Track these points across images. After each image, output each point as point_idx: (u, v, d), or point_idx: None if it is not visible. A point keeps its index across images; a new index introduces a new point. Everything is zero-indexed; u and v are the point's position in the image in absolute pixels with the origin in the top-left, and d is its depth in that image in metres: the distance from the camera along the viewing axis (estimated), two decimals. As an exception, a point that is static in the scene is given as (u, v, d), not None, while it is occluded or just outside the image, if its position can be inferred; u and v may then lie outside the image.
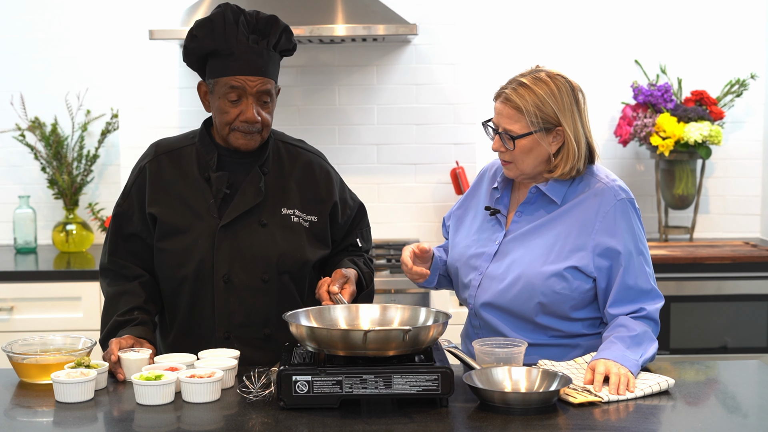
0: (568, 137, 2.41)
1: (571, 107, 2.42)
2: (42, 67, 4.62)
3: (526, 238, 2.47)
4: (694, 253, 4.14)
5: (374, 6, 4.07)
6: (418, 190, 4.53)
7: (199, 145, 2.59)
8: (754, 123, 4.66)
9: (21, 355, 2.34)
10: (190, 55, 2.53)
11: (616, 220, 2.42)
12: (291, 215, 2.58)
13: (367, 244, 2.77)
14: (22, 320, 3.98)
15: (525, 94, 2.40)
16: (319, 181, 2.64)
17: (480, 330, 2.53)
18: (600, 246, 2.41)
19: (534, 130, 2.40)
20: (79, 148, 4.54)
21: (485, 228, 2.56)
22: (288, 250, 2.54)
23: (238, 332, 2.52)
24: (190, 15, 4.06)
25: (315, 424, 2.00)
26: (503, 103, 2.43)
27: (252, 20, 2.49)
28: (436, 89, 4.50)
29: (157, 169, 2.57)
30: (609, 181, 2.48)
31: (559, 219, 2.46)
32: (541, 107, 2.39)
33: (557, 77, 2.43)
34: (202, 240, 2.51)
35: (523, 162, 2.44)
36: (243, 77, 2.46)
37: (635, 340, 2.34)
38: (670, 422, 2.09)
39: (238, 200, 2.53)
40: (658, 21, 4.60)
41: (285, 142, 2.67)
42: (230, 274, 2.51)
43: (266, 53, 2.49)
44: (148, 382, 2.12)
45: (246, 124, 2.48)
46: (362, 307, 2.37)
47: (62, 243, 4.46)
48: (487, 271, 2.49)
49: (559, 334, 2.45)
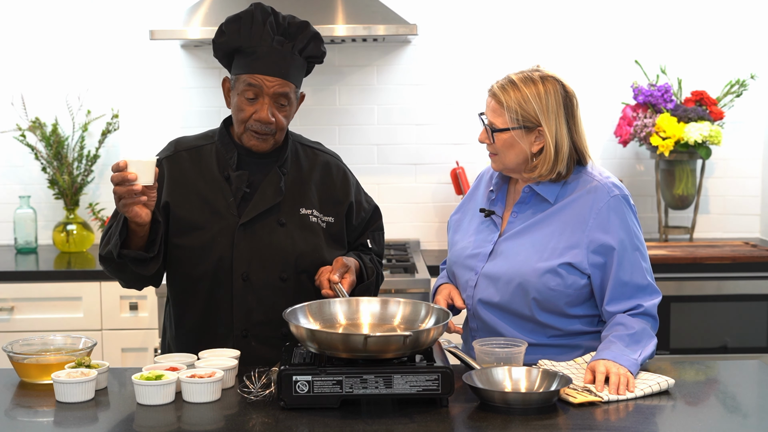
0: (548, 140, 2.43)
1: (556, 110, 2.43)
2: (42, 67, 4.62)
3: (520, 237, 2.49)
4: (694, 253, 4.14)
5: (374, 6, 4.07)
6: (418, 190, 4.54)
7: (218, 143, 2.59)
8: (754, 123, 4.66)
9: (21, 355, 2.34)
10: (217, 50, 2.55)
11: (610, 217, 2.43)
12: (309, 215, 2.59)
13: (378, 248, 2.77)
14: (23, 320, 3.98)
15: (511, 91, 2.44)
16: (336, 183, 2.66)
17: (477, 333, 2.53)
18: (594, 242, 2.42)
19: (513, 126, 2.43)
20: (80, 148, 4.54)
21: (482, 229, 2.58)
22: (306, 249, 2.55)
23: (256, 331, 2.52)
24: (190, 15, 4.06)
25: (315, 424, 2.00)
26: (491, 97, 2.49)
27: (282, 23, 2.51)
28: (436, 89, 4.50)
29: (176, 165, 2.57)
30: (602, 178, 2.49)
31: (553, 217, 2.47)
32: (523, 106, 2.42)
33: (549, 79, 2.45)
34: (221, 238, 2.51)
35: (506, 156, 2.48)
36: (261, 76, 2.46)
37: (634, 338, 2.34)
38: (670, 422, 2.10)
39: (258, 199, 2.53)
40: (658, 21, 4.61)
41: (303, 143, 2.69)
42: (249, 272, 2.51)
43: (290, 56, 2.49)
44: (148, 382, 2.12)
45: (259, 123, 2.49)
46: (362, 302, 2.37)
47: (63, 243, 4.47)
48: (482, 271, 2.50)
49: (558, 333, 2.45)
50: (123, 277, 2.53)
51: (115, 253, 2.37)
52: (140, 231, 2.38)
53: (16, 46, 4.61)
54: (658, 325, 2.46)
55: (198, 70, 4.46)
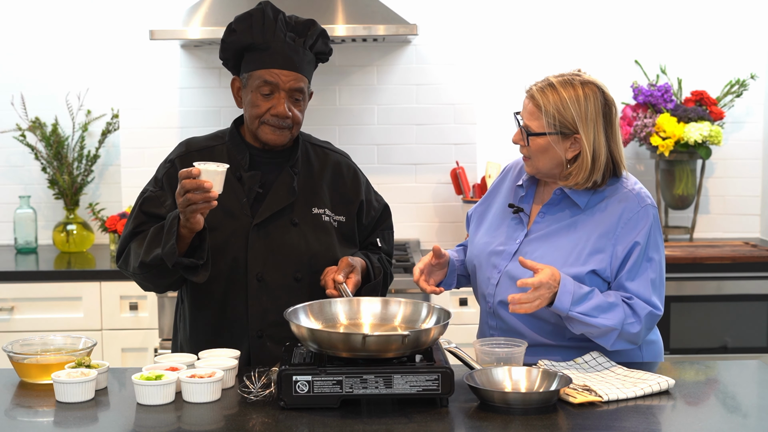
0: (585, 148, 2.39)
1: (595, 118, 2.39)
2: (42, 67, 4.62)
3: (547, 239, 2.47)
4: (694, 253, 4.14)
5: (374, 6, 4.07)
6: (418, 190, 4.54)
7: (229, 144, 2.59)
8: (754, 123, 4.66)
9: (21, 355, 2.34)
10: (227, 50, 2.54)
11: (638, 223, 2.41)
12: (322, 215, 2.59)
13: (387, 247, 2.77)
14: (23, 320, 3.98)
15: (550, 94, 2.39)
16: (347, 182, 2.66)
17: (496, 331, 2.52)
18: (620, 248, 2.40)
19: (549, 131, 2.40)
20: (80, 148, 4.54)
21: (506, 226, 2.55)
22: (320, 249, 2.55)
23: (271, 331, 2.51)
24: (190, 15, 4.06)
25: (315, 424, 2.00)
26: (528, 99, 2.44)
27: (291, 21, 2.54)
28: (436, 89, 4.50)
29: (188, 165, 2.53)
30: (635, 188, 2.47)
31: (581, 222, 2.45)
32: (561, 111, 2.38)
33: (590, 85, 2.41)
34: (235, 239, 2.51)
35: (539, 160, 2.44)
36: (277, 71, 2.47)
37: (589, 296, 2.33)
38: (670, 422, 2.09)
39: (271, 199, 2.53)
40: (658, 21, 4.61)
41: (313, 143, 2.69)
42: (263, 273, 2.51)
43: (302, 51, 2.51)
44: (148, 382, 2.12)
45: (276, 118, 2.49)
46: (363, 302, 2.37)
47: (63, 243, 4.47)
48: (506, 270, 2.48)
49: (577, 336, 2.44)
50: (160, 283, 2.50)
51: (171, 262, 2.34)
52: (189, 237, 2.36)
53: (16, 45, 4.62)
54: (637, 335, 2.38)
55: (198, 70, 4.46)
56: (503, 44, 4.59)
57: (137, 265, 2.44)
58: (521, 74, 4.59)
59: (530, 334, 2.45)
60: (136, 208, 2.55)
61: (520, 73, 4.59)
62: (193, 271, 2.39)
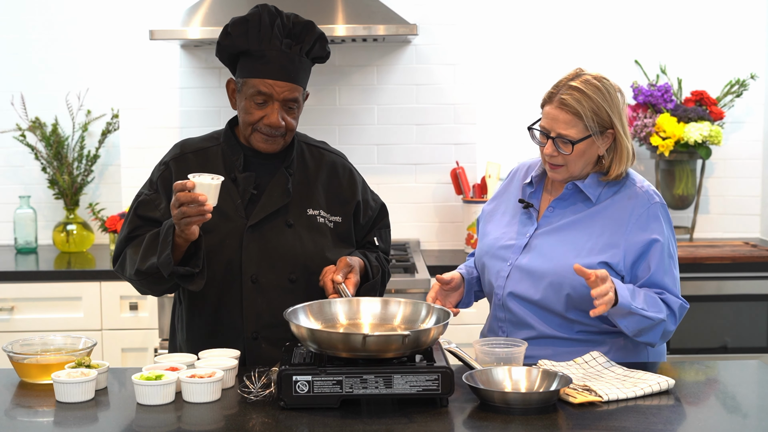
0: (621, 138, 2.46)
1: (619, 108, 2.46)
2: (42, 67, 4.62)
3: (558, 233, 2.50)
4: (694, 253, 4.14)
5: (374, 6, 4.07)
6: (418, 190, 4.54)
7: (224, 145, 2.59)
8: (754, 123, 4.66)
9: (21, 355, 2.34)
10: (222, 52, 2.52)
11: (650, 222, 2.45)
12: (317, 216, 2.58)
13: (385, 245, 2.77)
14: (23, 320, 3.98)
15: (581, 98, 2.42)
16: (343, 182, 2.66)
17: (505, 324, 2.54)
18: (633, 244, 2.43)
19: (588, 135, 2.43)
20: (80, 148, 4.54)
21: (516, 221, 2.59)
22: (315, 250, 2.55)
23: (266, 333, 2.51)
24: (190, 15, 4.06)
25: (315, 424, 2.00)
26: (559, 108, 2.44)
27: (288, 24, 2.49)
28: (436, 89, 4.50)
29: (183, 167, 2.55)
30: (643, 185, 2.52)
31: (592, 217, 2.49)
32: (597, 111, 2.43)
33: (604, 80, 2.47)
34: (229, 240, 2.50)
35: (575, 165, 2.47)
36: (272, 81, 2.45)
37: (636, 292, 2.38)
38: (670, 422, 2.09)
39: (265, 201, 2.53)
40: (658, 21, 4.61)
41: (308, 143, 2.68)
42: (258, 275, 2.50)
43: (298, 59, 2.49)
44: (148, 382, 2.12)
45: (269, 128, 2.48)
46: (363, 302, 2.37)
47: (63, 243, 4.47)
48: (516, 263, 2.51)
49: (586, 329, 2.47)
50: (157, 289, 2.51)
51: (167, 271, 2.34)
52: (184, 246, 2.36)
53: (16, 45, 4.62)
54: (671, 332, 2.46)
55: (198, 70, 4.46)
56: (503, 44, 4.59)
57: (133, 273, 2.45)
58: (521, 74, 4.59)
59: (539, 326, 2.47)
60: (131, 212, 2.56)
61: (520, 73, 4.59)
62: (188, 280, 2.39)
